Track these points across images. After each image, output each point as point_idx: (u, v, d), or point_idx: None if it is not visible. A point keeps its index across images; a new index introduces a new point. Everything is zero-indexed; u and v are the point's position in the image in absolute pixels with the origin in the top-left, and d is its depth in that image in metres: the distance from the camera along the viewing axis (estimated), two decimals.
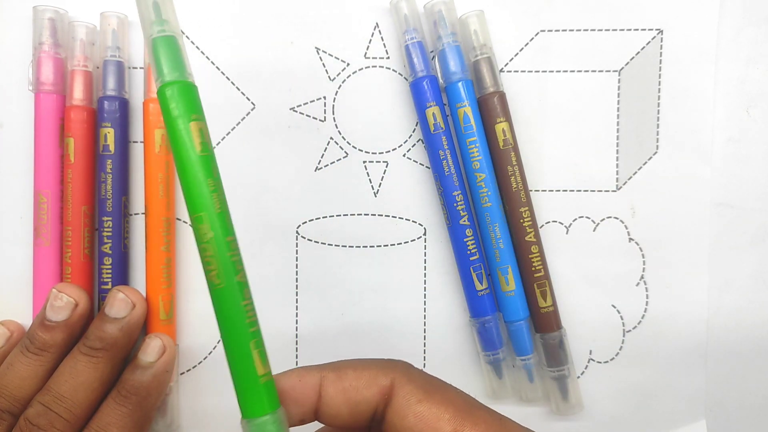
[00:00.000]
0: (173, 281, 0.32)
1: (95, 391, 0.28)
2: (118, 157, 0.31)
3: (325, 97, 0.33)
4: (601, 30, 0.33)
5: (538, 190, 0.33)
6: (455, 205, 0.31)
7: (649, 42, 0.33)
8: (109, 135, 0.31)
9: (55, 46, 0.31)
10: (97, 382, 0.28)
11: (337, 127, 0.33)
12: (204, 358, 0.33)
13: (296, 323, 0.33)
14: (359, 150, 0.33)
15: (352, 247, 0.33)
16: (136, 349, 0.30)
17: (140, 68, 0.33)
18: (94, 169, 0.32)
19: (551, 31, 0.33)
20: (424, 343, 0.33)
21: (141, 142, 0.33)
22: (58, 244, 0.31)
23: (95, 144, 0.32)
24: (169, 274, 0.32)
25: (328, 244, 0.33)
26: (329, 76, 0.33)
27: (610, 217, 0.33)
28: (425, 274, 0.33)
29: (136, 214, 0.33)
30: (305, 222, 0.33)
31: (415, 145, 0.33)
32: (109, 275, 0.31)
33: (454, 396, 0.23)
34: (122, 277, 0.32)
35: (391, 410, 0.22)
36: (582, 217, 0.33)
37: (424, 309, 0.33)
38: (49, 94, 0.31)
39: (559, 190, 0.33)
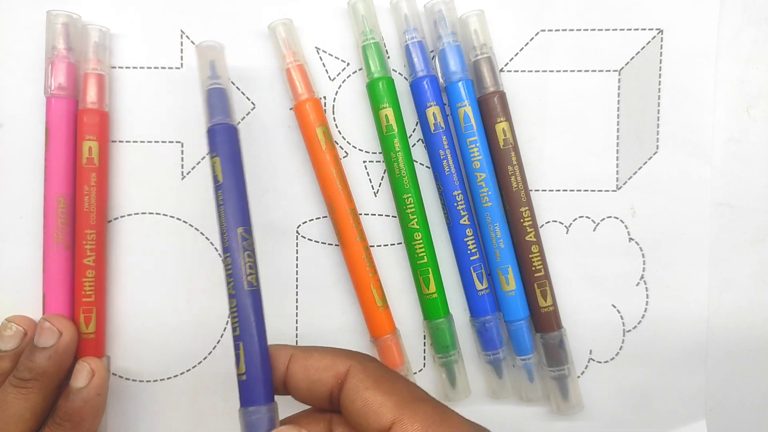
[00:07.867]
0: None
1: (27, 422, 0.28)
2: None
3: (325, 97, 0.33)
4: (601, 30, 0.33)
5: (538, 190, 0.33)
6: (455, 204, 0.31)
7: (649, 42, 0.33)
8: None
9: (68, 51, 0.31)
10: (29, 413, 0.28)
11: (337, 127, 0.33)
12: (204, 358, 0.33)
13: (296, 323, 0.33)
14: (359, 150, 0.33)
15: None
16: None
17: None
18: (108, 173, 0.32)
19: (551, 31, 0.33)
20: (424, 343, 0.33)
21: (150, 141, 0.33)
22: (72, 248, 0.31)
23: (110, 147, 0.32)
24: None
25: (328, 244, 0.33)
26: (329, 76, 0.33)
27: (610, 217, 0.33)
28: None
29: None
30: (305, 222, 0.33)
31: (415, 144, 0.33)
32: None
33: (402, 388, 0.25)
34: None
35: (344, 394, 0.25)
36: (582, 217, 0.33)
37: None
38: (62, 99, 0.31)
39: (559, 190, 0.33)
